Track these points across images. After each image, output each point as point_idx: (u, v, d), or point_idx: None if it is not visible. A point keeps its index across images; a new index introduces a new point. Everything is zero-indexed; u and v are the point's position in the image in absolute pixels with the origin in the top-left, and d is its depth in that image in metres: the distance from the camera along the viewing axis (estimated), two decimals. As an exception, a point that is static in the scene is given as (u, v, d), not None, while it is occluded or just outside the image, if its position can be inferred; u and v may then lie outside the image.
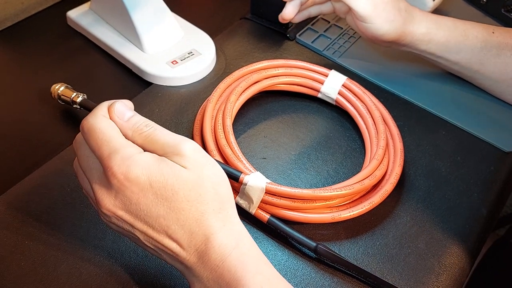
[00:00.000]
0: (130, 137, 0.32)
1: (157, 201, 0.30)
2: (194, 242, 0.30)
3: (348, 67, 0.57)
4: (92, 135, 0.31)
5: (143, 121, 0.32)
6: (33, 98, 0.51)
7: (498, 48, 0.50)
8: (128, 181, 0.30)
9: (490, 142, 0.51)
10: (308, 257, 0.41)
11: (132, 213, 0.30)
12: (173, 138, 0.31)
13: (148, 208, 0.30)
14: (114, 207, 0.30)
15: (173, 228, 0.30)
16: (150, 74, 0.52)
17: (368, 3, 0.48)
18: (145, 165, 0.30)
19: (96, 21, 0.57)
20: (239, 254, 0.31)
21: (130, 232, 0.32)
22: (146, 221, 0.30)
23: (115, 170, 0.30)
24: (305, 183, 0.46)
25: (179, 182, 0.30)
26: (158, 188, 0.30)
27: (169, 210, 0.30)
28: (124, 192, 0.30)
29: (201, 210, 0.30)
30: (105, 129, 0.31)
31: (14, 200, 0.41)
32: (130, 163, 0.30)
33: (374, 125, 0.48)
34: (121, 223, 0.31)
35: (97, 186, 0.31)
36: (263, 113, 0.51)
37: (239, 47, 0.58)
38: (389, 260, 0.41)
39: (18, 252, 0.38)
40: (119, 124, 0.32)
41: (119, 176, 0.30)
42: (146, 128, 0.32)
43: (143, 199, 0.30)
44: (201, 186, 0.30)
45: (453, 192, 0.46)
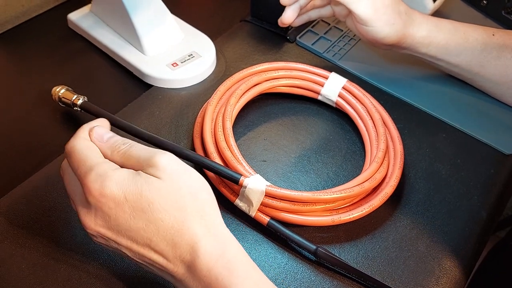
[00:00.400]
0: (109, 156, 0.33)
1: (134, 214, 0.30)
2: (179, 253, 0.30)
3: (348, 69, 0.57)
4: (72, 156, 0.32)
5: (120, 140, 0.34)
6: (33, 101, 0.51)
7: (498, 50, 0.50)
8: (103, 197, 0.30)
9: (490, 145, 0.51)
10: (308, 260, 0.41)
11: (113, 229, 0.31)
12: (147, 151, 0.32)
13: (127, 222, 0.30)
14: (96, 226, 0.31)
15: (155, 240, 0.30)
16: (150, 76, 0.52)
17: (369, 6, 0.48)
18: (119, 180, 0.31)
19: (96, 23, 0.57)
20: (226, 261, 0.30)
21: (117, 249, 0.32)
22: (128, 236, 0.31)
23: (90, 187, 0.30)
24: (305, 185, 0.46)
25: (153, 192, 0.30)
26: (133, 201, 0.30)
27: (147, 222, 0.30)
28: (102, 209, 0.31)
29: (180, 219, 0.30)
30: (82, 149, 0.32)
31: (14, 202, 0.41)
32: (104, 179, 0.30)
33: (374, 127, 0.48)
34: (107, 241, 0.32)
35: (80, 207, 0.32)
36: (263, 115, 0.51)
37: (239, 49, 0.58)
38: (389, 263, 0.41)
39: (18, 255, 0.38)
40: (99, 146, 0.33)
41: (94, 193, 0.30)
42: (123, 146, 0.33)
43: (121, 214, 0.30)
44: (177, 194, 0.31)
45: (453, 195, 0.46)
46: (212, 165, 0.41)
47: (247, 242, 0.41)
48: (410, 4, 0.53)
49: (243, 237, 0.41)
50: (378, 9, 0.48)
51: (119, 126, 0.44)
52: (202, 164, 0.41)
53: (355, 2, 0.48)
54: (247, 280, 0.31)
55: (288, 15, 0.53)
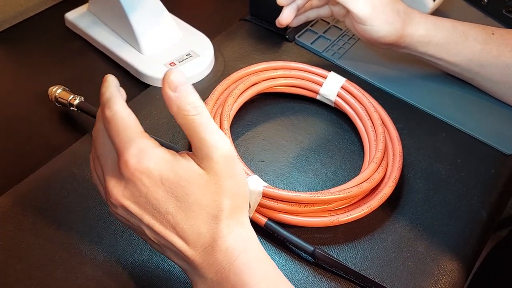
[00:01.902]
0: (174, 112, 0.29)
1: (167, 198, 0.29)
2: (202, 242, 0.30)
3: (348, 68, 0.57)
4: (112, 122, 0.30)
5: (192, 100, 0.29)
6: (30, 100, 0.50)
7: (498, 50, 0.50)
8: (139, 172, 0.29)
9: (490, 145, 0.50)
10: (306, 261, 0.40)
11: (140, 205, 0.30)
12: (213, 138, 0.29)
13: (157, 203, 0.29)
14: (122, 198, 0.30)
15: (181, 226, 0.30)
16: (147, 76, 0.52)
17: (367, 5, 0.47)
18: (158, 160, 0.29)
19: (94, 22, 0.57)
20: (247, 259, 0.30)
21: (137, 225, 0.31)
22: (153, 215, 0.30)
23: (127, 159, 0.29)
24: (303, 186, 0.45)
25: (192, 185, 0.29)
26: (169, 186, 0.29)
27: (178, 209, 0.29)
28: (135, 183, 0.29)
29: (212, 215, 0.30)
30: (125, 117, 0.30)
31: (10, 203, 0.41)
32: (143, 154, 0.29)
33: (373, 127, 0.48)
34: (129, 215, 0.30)
35: (109, 174, 0.30)
36: (261, 115, 0.51)
37: (238, 48, 0.58)
38: (388, 264, 0.41)
39: (15, 256, 0.38)
40: (168, 95, 0.29)
41: (131, 166, 0.29)
42: (193, 111, 0.29)
43: (153, 194, 0.29)
44: (218, 194, 0.30)
45: (453, 195, 0.46)
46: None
47: (245, 243, 0.41)
48: (410, 3, 0.52)
49: (240, 238, 0.41)
50: (376, 7, 0.48)
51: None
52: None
53: (352, 1, 0.47)
54: (265, 281, 0.31)
55: (285, 16, 0.53)
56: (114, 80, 0.32)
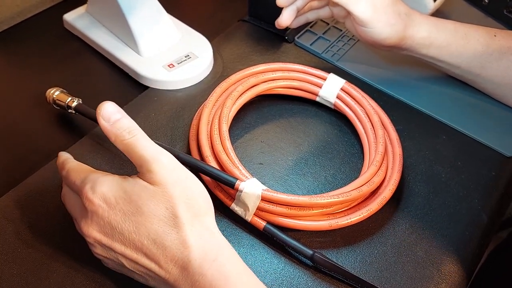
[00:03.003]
0: (112, 141, 0.33)
1: (125, 217, 0.31)
2: (170, 256, 0.30)
3: (347, 70, 0.56)
4: (69, 176, 0.34)
5: (127, 127, 0.32)
6: (28, 103, 0.50)
7: (500, 52, 0.50)
8: (97, 200, 0.32)
9: (491, 147, 0.50)
10: (305, 265, 0.40)
11: (107, 234, 0.32)
12: (149, 153, 0.32)
13: (120, 226, 0.31)
14: (92, 232, 0.32)
15: (146, 243, 0.31)
16: (146, 77, 0.52)
17: (368, 7, 0.47)
18: (109, 184, 0.32)
19: (92, 24, 0.56)
20: (219, 266, 0.30)
21: (115, 258, 0.33)
22: (121, 240, 0.31)
23: (85, 192, 0.32)
24: (302, 189, 0.45)
25: (142, 198, 0.31)
26: (123, 205, 0.31)
27: (138, 225, 0.31)
28: (97, 213, 0.32)
29: (170, 224, 0.31)
30: (75, 167, 0.35)
31: (7, 207, 0.41)
32: (95, 183, 0.32)
33: (372, 129, 0.47)
34: (105, 250, 0.33)
35: (79, 218, 0.33)
36: (260, 117, 0.51)
37: (237, 50, 0.57)
38: (387, 268, 0.40)
39: (10, 261, 0.37)
40: (104, 127, 0.33)
41: (89, 197, 0.32)
42: (128, 135, 0.32)
43: (113, 217, 0.31)
44: (169, 202, 0.31)
45: (453, 198, 0.46)
46: (207, 169, 0.40)
47: (243, 247, 0.41)
48: (411, 4, 0.52)
49: (239, 241, 0.41)
50: (378, 9, 0.47)
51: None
52: (198, 168, 0.40)
53: (353, 3, 0.47)
54: (241, 286, 0.30)
55: (285, 18, 0.52)
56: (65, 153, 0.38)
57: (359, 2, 0.47)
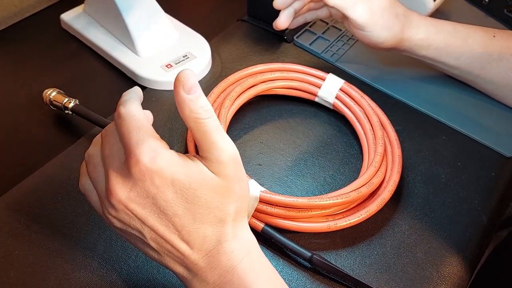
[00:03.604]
0: (185, 114, 0.29)
1: (176, 200, 0.29)
2: (206, 245, 0.30)
3: (347, 70, 0.56)
4: (126, 120, 0.29)
5: (204, 105, 0.29)
6: (24, 103, 0.50)
7: (499, 53, 0.49)
8: (150, 171, 0.28)
9: (491, 147, 0.50)
10: (303, 267, 0.40)
11: (146, 207, 0.29)
12: (222, 142, 0.30)
13: (166, 204, 0.29)
14: (127, 199, 0.29)
15: (187, 229, 0.29)
16: (144, 78, 0.51)
17: (365, 11, 0.47)
18: (171, 162, 0.29)
19: (90, 24, 0.56)
20: (250, 261, 0.31)
21: (136, 229, 0.30)
22: (159, 218, 0.29)
23: (139, 157, 0.28)
24: (301, 190, 0.45)
25: (203, 188, 0.29)
26: (179, 188, 0.29)
27: (186, 211, 0.29)
28: (144, 183, 0.28)
29: (219, 218, 0.30)
30: (139, 117, 0.29)
31: (4, 208, 0.40)
32: (156, 154, 0.28)
33: (372, 130, 0.47)
34: (130, 218, 0.29)
35: (114, 174, 0.29)
36: (259, 118, 0.50)
37: (236, 50, 0.57)
38: (387, 270, 0.40)
39: (7, 262, 0.37)
40: (181, 97, 0.29)
41: (143, 164, 0.28)
42: (204, 114, 0.29)
43: (161, 194, 0.28)
44: (226, 197, 0.30)
45: (452, 199, 0.45)
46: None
47: (241, 248, 0.40)
48: (410, 3, 0.52)
49: (237, 243, 0.40)
50: (375, 13, 0.47)
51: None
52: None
53: (350, 7, 0.47)
54: (268, 283, 0.31)
55: (282, 20, 0.52)
56: (139, 90, 0.32)
57: (356, 6, 0.47)
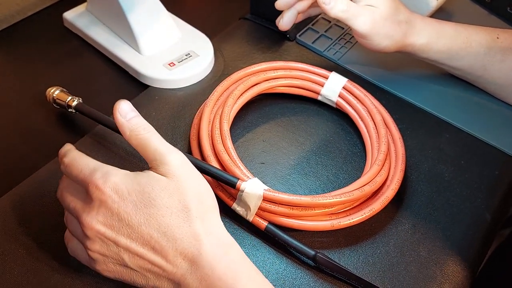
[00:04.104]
0: (127, 136, 0.33)
1: (136, 209, 0.31)
2: (181, 248, 0.30)
3: (349, 68, 0.56)
4: (73, 164, 0.33)
5: (142, 124, 0.33)
6: (28, 102, 0.50)
7: (502, 54, 0.49)
8: (108, 189, 0.31)
9: (495, 146, 0.50)
10: (307, 265, 0.40)
11: (113, 227, 0.31)
12: (164, 147, 0.33)
13: (129, 217, 0.31)
14: (97, 224, 0.31)
15: (155, 236, 0.30)
16: (146, 76, 0.51)
17: (367, 22, 0.47)
18: (122, 176, 0.31)
19: (92, 22, 0.56)
20: (230, 262, 0.31)
21: (115, 255, 0.31)
22: (128, 234, 0.31)
23: (96, 182, 0.31)
24: (304, 188, 0.45)
25: (156, 190, 0.31)
26: (136, 196, 0.31)
27: (149, 217, 0.31)
28: (106, 203, 0.31)
29: (182, 217, 0.31)
30: (82, 156, 0.33)
31: (7, 206, 0.40)
32: (109, 175, 0.31)
33: (375, 128, 0.47)
34: (105, 245, 0.31)
35: (81, 209, 0.32)
36: (261, 116, 0.50)
37: (238, 48, 0.57)
38: (390, 268, 0.40)
39: (11, 261, 0.37)
40: (120, 122, 0.33)
41: (100, 186, 0.31)
42: (143, 131, 0.33)
43: (123, 208, 0.31)
44: (182, 194, 0.31)
45: (456, 197, 0.45)
46: (208, 168, 0.40)
47: (245, 247, 0.40)
48: (413, 2, 0.51)
49: (240, 242, 0.40)
50: (377, 22, 0.47)
51: (114, 128, 0.43)
52: (199, 168, 0.40)
53: (353, 18, 0.47)
54: (251, 282, 0.31)
55: (285, 22, 0.52)
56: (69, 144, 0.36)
57: (358, 17, 0.47)
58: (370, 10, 0.47)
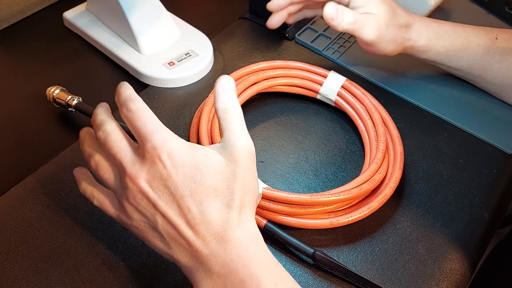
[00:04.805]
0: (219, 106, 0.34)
1: (185, 181, 0.31)
2: (211, 231, 0.31)
3: (348, 67, 0.56)
4: (138, 114, 0.32)
5: (230, 101, 0.34)
6: (28, 101, 0.50)
7: (501, 54, 0.49)
8: (165, 154, 0.31)
9: (492, 144, 0.50)
10: (306, 263, 0.40)
11: (158, 190, 0.31)
12: (242, 131, 0.33)
13: (176, 186, 0.31)
14: (143, 181, 0.31)
15: (194, 212, 0.31)
16: (146, 75, 0.52)
17: (373, 30, 0.47)
18: (181, 145, 0.32)
19: (92, 22, 0.56)
20: (255, 252, 0.31)
21: (150, 215, 0.32)
22: (169, 201, 0.31)
23: (155, 141, 0.31)
24: (303, 187, 0.45)
25: (210, 170, 0.31)
26: (188, 169, 0.31)
27: (194, 192, 0.31)
28: (157, 166, 0.31)
29: (224, 203, 0.31)
30: (149, 112, 0.33)
31: (8, 205, 0.41)
32: (169, 140, 0.31)
33: (373, 127, 0.47)
34: (143, 202, 0.31)
35: (130, 162, 0.32)
36: (261, 115, 0.51)
37: (237, 47, 0.57)
38: (389, 266, 0.40)
39: (11, 259, 0.37)
40: (219, 93, 0.34)
41: (157, 148, 0.31)
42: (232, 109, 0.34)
43: (173, 177, 0.31)
44: (233, 182, 0.32)
45: (454, 195, 0.46)
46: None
47: (244, 245, 0.40)
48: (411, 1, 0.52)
49: (239, 240, 0.41)
50: (382, 29, 0.47)
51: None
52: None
53: (360, 29, 0.47)
54: (274, 273, 0.31)
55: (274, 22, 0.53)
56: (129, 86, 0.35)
57: (365, 27, 0.47)
58: (373, 17, 0.47)
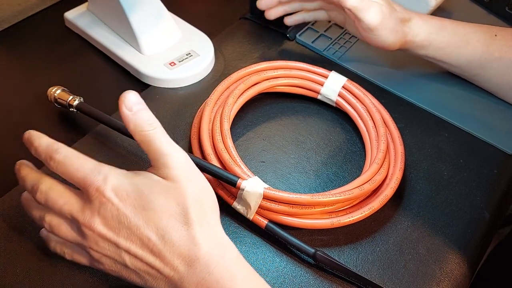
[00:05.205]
0: (131, 130, 0.32)
1: (135, 212, 0.31)
2: (177, 253, 0.30)
3: (349, 67, 0.56)
4: (68, 162, 0.31)
5: (148, 118, 0.32)
6: (29, 101, 0.50)
7: (500, 52, 0.49)
8: (109, 192, 0.31)
9: (493, 144, 0.50)
10: (307, 263, 0.40)
11: (113, 229, 0.31)
12: (167, 148, 0.32)
13: (128, 220, 0.31)
14: (98, 226, 0.31)
15: (153, 239, 0.30)
16: (147, 76, 0.52)
17: (378, 14, 0.47)
18: (122, 177, 0.31)
19: (93, 22, 0.56)
20: (227, 264, 0.31)
21: (116, 256, 0.32)
22: (127, 236, 0.31)
23: (96, 183, 0.31)
24: (304, 187, 0.45)
25: (154, 192, 0.31)
26: (134, 198, 0.31)
27: (147, 220, 0.31)
28: (106, 205, 0.31)
29: (180, 220, 0.31)
30: (77, 155, 0.32)
31: (9, 206, 0.41)
32: (107, 176, 0.31)
33: (374, 127, 0.47)
34: (107, 246, 0.31)
35: (79, 209, 0.31)
36: (262, 115, 0.51)
37: (238, 47, 0.57)
38: (389, 266, 0.40)
39: (13, 260, 0.38)
40: (125, 115, 0.32)
41: (102, 188, 0.30)
42: (148, 127, 0.32)
43: (122, 211, 0.31)
44: (181, 198, 0.31)
45: (455, 196, 0.46)
46: (209, 167, 0.40)
47: (245, 245, 0.41)
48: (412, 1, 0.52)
49: (240, 240, 0.41)
50: (385, 16, 0.47)
51: (115, 128, 0.44)
52: (199, 167, 0.40)
53: (365, 9, 0.47)
54: (247, 283, 0.31)
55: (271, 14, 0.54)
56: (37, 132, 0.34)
57: (369, 9, 0.47)
58: (378, 4, 0.47)
